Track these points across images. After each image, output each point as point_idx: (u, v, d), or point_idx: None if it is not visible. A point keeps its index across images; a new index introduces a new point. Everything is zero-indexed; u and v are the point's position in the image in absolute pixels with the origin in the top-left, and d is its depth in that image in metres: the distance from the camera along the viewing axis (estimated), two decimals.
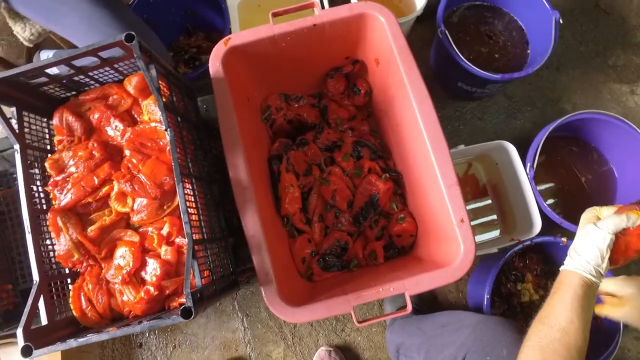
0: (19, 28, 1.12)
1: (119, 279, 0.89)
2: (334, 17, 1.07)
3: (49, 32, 1.16)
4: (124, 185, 0.91)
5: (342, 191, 1.21)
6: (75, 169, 0.93)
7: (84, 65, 0.91)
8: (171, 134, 0.85)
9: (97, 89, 0.99)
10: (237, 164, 0.98)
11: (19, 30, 1.13)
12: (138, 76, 0.95)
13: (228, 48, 1.05)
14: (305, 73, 1.28)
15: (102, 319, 0.92)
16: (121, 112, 0.98)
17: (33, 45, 1.18)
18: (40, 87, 0.95)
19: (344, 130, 1.33)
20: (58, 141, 0.98)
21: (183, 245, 0.91)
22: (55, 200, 0.94)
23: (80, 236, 0.91)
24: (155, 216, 0.93)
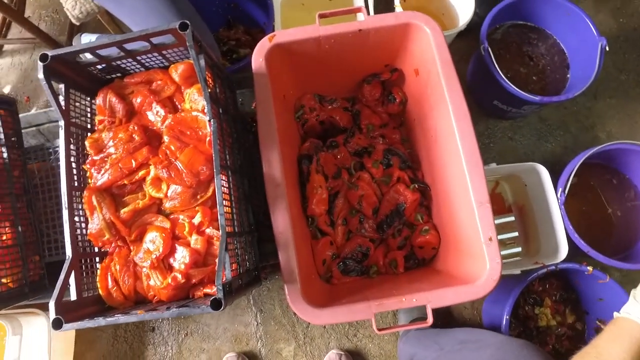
0: (69, 5, 1.14)
1: (147, 263, 0.90)
2: (380, 24, 1.07)
3: (97, 13, 1.18)
4: (160, 171, 0.92)
5: (369, 197, 1.21)
6: (115, 150, 0.94)
7: (135, 49, 0.93)
8: (214, 125, 0.86)
9: (142, 73, 1.00)
10: (271, 160, 0.99)
11: (69, 8, 1.15)
12: (185, 64, 0.96)
13: (272, 45, 1.06)
14: (342, 76, 1.28)
15: (126, 300, 0.93)
16: (163, 98, 0.99)
17: (80, 23, 1.20)
18: (88, 67, 0.96)
19: (375, 137, 1.34)
20: (99, 121, 1.00)
21: (213, 236, 0.92)
22: (91, 178, 0.96)
23: (113, 217, 0.93)
24: (188, 204, 0.94)
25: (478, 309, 1.37)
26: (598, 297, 1.21)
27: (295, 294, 0.92)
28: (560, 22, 1.35)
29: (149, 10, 1.07)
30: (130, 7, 1.08)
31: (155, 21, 1.08)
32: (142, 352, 1.36)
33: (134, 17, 1.09)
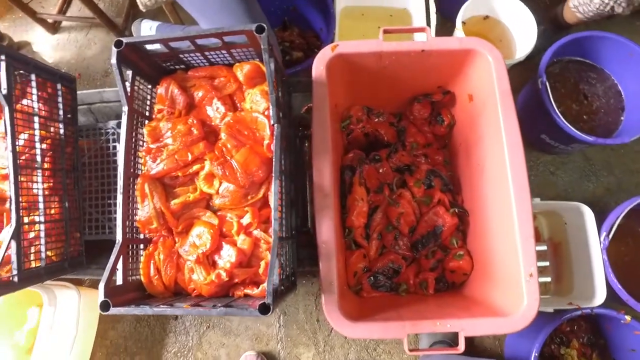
0: None
1: (193, 257, 0.91)
2: (443, 47, 1.07)
3: (165, 2, 1.19)
4: (215, 167, 0.93)
5: (408, 216, 1.22)
6: (172, 142, 0.96)
7: (204, 45, 0.94)
8: (278, 130, 0.87)
9: (207, 68, 1.01)
10: (322, 170, 1.00)
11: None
12: (251, 65, 0.97)
13: (334, 54, 1.07)
14: (394, 91, 1.28)
15: (165, 289, 0.94)
16: (224, 95, 1.00)
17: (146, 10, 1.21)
18: (155, 56, 0.98)
19: (418, 156, 1.34)
20: (158, 110, 1.01)
21: (260, 239, 0.92)
22: (145, 166, 0.97)
23: (164, 207, 0.94)
24: (238, 204, 0.95)
25: (500, 340, 1.37)
26: (630, 347, 1.19)
27: (332, 305, 0.92)
28: (621, 63, 1.33)
29: (221, 6, 1.08)
30: (201, 3, 1.09)
31: (225, 17, 1.09)
32: (163, 339, 1.38)
33: (205, 12, 1.10)
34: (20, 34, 1.82)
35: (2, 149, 1.06)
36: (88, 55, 1.70)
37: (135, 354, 1.37)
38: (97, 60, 1.71)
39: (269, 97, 0.96)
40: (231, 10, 1.08)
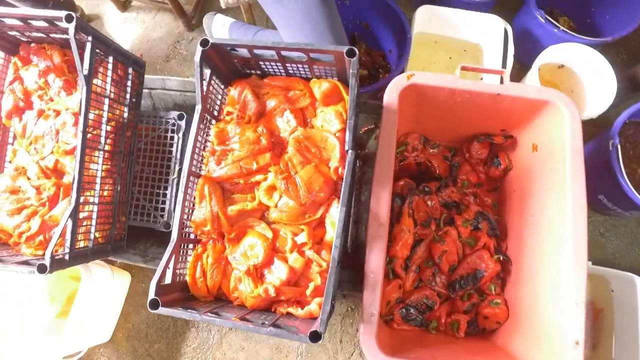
0: None
1: (243, 267, 0.90)
2: (519, 94, 1.05)
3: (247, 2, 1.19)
4: (279, 181, 0.92)
5: (451, 255, 1.20)
6: (239, 147, 0.95)
7: (288, 56, 0.93)
8: (352, 156, 0.86)
9: (284, 78, 1.00)
10: (381, 199, 0.98)
11: None
12: (330, 84, 0.96)
13: (409, 83, 1.06)
14: (455, 126, 1.27)
15: (208, 293, 0.94)
16: (296, 108, 0.99)
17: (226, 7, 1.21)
18: (234, 59, 0.97)
19: (467, 194, 1.32)
20: (228, 112, 1.01)
21: (312, 260, 0.91)
22: (207, 166, 0.97)
23: (221, 211, 0.93)
24: (294, 220, 0.94)
25: None
26: None
27: (369, 336, 0.91)
28: None
29: (306, 17, 1.08)
30: (288, 9, 1.08)
31: (308, 29, 1.08)
32: (184, 332, 1.38)
33: (289, 21, 1.10)
34: (92, 7, 1.83)
35: (70, 124, 1.07)
36: (152, 37, 1.71)
37: (155, 342, 1.38)
38: (161, 44, 1.72)
39: (343, 119, 0.96)
40: (315, 23, 1.07)
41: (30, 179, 1.08)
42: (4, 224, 1.04)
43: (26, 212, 1.04)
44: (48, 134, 1.09)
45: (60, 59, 1.11)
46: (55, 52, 1.11)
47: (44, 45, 1.13)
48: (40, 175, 1.08)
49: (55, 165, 1.08)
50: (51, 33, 1.06)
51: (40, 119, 1.10)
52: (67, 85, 1.11)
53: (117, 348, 1.39)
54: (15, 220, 1.04)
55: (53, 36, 1.08)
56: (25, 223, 1.03)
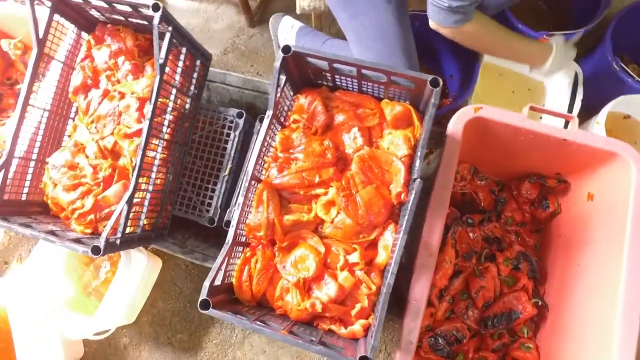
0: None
1: (292, 279, 0.90)
2: (586, 142, 1.04)
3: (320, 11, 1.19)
4: (340, 198, 0.92)
5: (488, 291, 1.19)
6: (303, 158, 0.95)
7: (367, 75, 0.92)
8: (419, 185, 0.85)
9: (356, 94, 1.00)
10: (434, 228, 0.97)
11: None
12: (402, 107, 0.95)
13: (475, 116, 1.05)
14: (509, 162, 1.25)
15: (252, 298, 0.94)
16: (364, 126, 0.99)
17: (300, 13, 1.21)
18: (310, 68, 0.97)
19: (509, 232, 1.31)
20: (294, 120, 1.00)
21: (362, 281, 0.91)
22: (267, 172, 0.97)
23: (277, 219, 0.93)
24: (348, 239, 0.94)
25: None
26: None
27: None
28: None
29: (379, 34, 1.07)
30: (362, 25, 1.08)
31: (380, 47, 1.08)
32: (208, 327, 1.38)
33: (361, 36, 1.09)
34: None
35: (133, 108, 1.07)
36: (213, 28, 1.71)
37: (178, 332, 1.38)
38: (220, 36, 1.71)
39: (410, 144, 0.95)
40: (388, 41, 1.07)
41: (89, 157, 1.08)
42: (60, 197, 1.05)
43: (81, 190, 1.05)
44: (111, 115, 1.09)
45: (133, 43, 1.12)
46: (129, 36, 1.12)
47: (119, 27, 1.14)
48: (98, 155, 1.08)
49: (114, 147, 1.09)
50: (130, 17, 1.06)
51: (105, 99, 1.11)
52: (135, 69, 1.11)
53: (140, 331, 1.39)
54: (71, 196, 1.04)
55: (130, 20, 1.08)
56: (80, 200, 1.04)
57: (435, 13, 1.01)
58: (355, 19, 1.09)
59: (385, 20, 1.07)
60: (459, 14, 0.99)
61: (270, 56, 1.65)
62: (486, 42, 1.12)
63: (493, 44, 1.13)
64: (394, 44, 1.09)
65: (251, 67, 1.65)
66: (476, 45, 1.12)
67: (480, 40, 1.10)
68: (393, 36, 1.08)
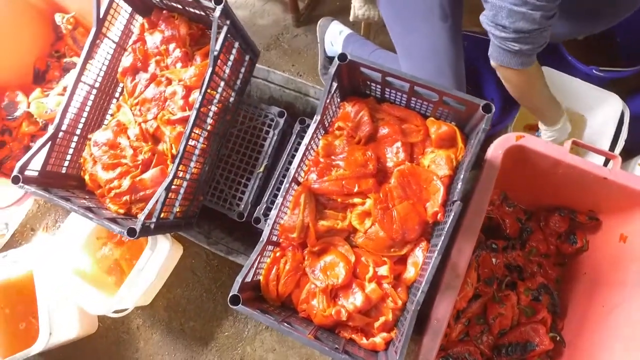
0: (357, 3, 1.16)
1: (320, 284, 0.90)
2: (627, 183, 1.03)
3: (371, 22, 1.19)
4: (377, 210, 0.92)
5: (506, 319, 1.18)
6: (344, 166, 0.95)
7: (418, 92, 0.93)
8: (459, 208, 0.85)
9: (403, 109, 1.00)
10: (463, 250, 0.98)
11: (355, 4, 1.16)
12: (449, 128, 0.95)
13: (517, 144, 1.05)
14: (541, 193, 1.25)
15: (277, 298, 0.94)
16: (407, 141, 0.99)
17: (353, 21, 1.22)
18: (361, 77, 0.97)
19: (532, 262, 1.30)
20: (338, 127, 1.01)
21: (389, 295, 0.91)
22: (306, 175, 0.97)
23: (312, 223, 0.94)
24: (379, 251, 0.94)
25: None
26: None
27: None
28: None
29: (431, 52, 1.08)
30: (415, 40, 1.08)
31: (430, 65, 1.08)
32: (222, 318, 1.39)
33: (412, 51, 1.09)
34: None
35: (179, 96, 1.08)
36: (258, 23, 1.72)
37: (191, 320, 1.39)
38: (264, 32, 1.72)
39: (452, 165, 0.95)
40: (439, 59, 1.07)
41: (130, 139, 1.10)
42: (99, 174, 1.07)
43: (120, 170, 1.06)
44: (156, 99, 1.11)
45: (186, 31, 1.13)
46: (183, 24, 1.13)
47: (174, 14, 1.15)
48: (139, 137, 1.10)
49: (155, 131, 1.10)
50: (187, 6, 1.08)
51: (152, 84, 1.12)
52: (185, 57, 1.13)
53: (154, 314, 1.41)
54: (109, 174, 1.06)
55: (187, 9, 1.09)
56: (117, 180, 1.05)
57: (501, 55, 0.98)
58: (408, 34, 1.09)
59: (439, 39, 1.07)
60: (527, 56, 0.96)
61: (312, 58, 1.66)
62: (532, 89, 1.10)
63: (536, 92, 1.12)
64: (445, 64, 1.09)
65: (292, 67, 1.66)
66: (520, 89, 1.10)
67: (530, 84, 1.08)
68: (445, 56, 1.08)
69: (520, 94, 1.12)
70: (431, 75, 1.12)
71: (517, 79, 1.04)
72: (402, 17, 1.13)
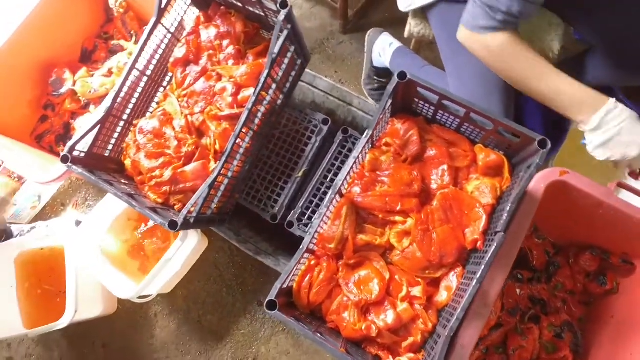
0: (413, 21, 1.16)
1: (354, 298, 0.91)
2: None
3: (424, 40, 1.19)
4: (417, 231, 0.92)
5: (526, 352, 1.18)
6: (389, 183, 0.95)
7: (473, 118, 0.92)
8: (502, 239, 0.85)
9: (453, 133, 1.00)
10: (496, 279, 0.97)
11: (411, 22, 1.17)
12: (497, 157, 0.95)
13: (561, 179, 1.04)
14: (576, 229, 1.23)
15: (307, 306, 0.95)
16: (454, 166, 0.99)
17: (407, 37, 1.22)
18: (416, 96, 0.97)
19: (556, 297, 1.29)
20: (386, 143, 1.01)
21: (419, 316, 0.91)
22: (350, 187, 0.97)
23: (351, 236, 0.94)
24: (413, 271, 0.94)
25: None
26: None
27: None
28: None
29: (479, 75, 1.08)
30: (465, 61, 1.08)
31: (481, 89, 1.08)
32: (239, 315, 1.40)
33: (462, 72, 1.09)
34: None
35: (229, 92, 1.09)
36: (305, 26, 1.72)
37: (209, 313, 1.40)
38: (310, 35, 1.72)
39: (496, 195, 0.95)
40: (489, 84, 1.06)
41: (175, 130, 1.11)
42: (142, 162, 1.08)
43: (163, 160, 1.07)
44: (205, 93, 1.12)
45: (241, 29, 1.14)
46: (240, 22, 1.14)
47: (231, 11, 1.16)
48: (184, 129, 1.10)
49: (201, 125, 1.11)
50: (248, 5, 1.08)
51: (202, 77, 1.13)
52: (238, 55, 1.14)
53: (173, 303, 1.42)
54: (152, 163, 1.07)
55: (247, 7, 1.10)
56: (159, 170, 1.06)
57: (470, 13, 0.90)
58: (459, 54, 1.09)
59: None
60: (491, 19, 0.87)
61: (356, 66, 1.66)
62: (513, 67, 0.93)
63: (521, 71, 0.93)
64: (494, 89, 1.08)
65: (335, 73, 1.66)
66: (500, 67, 0.96)
67: (506, 61, 0.93)
68: (495, 80, 1.08)
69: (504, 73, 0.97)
70: (480, 98, 1.11)
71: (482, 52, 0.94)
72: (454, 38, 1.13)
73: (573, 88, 0.90)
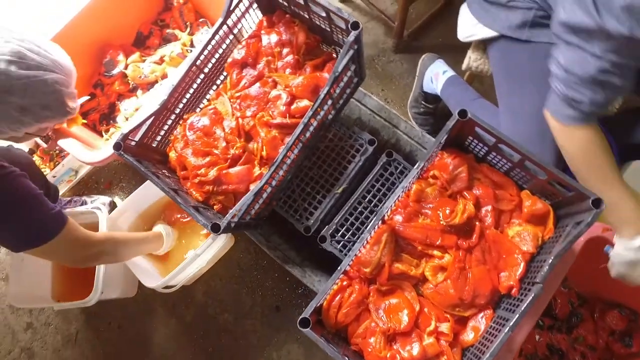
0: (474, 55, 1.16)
1: (383, 325, 0.91)
2: None
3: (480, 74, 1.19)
4: (454, 269, 0.92)
5: None
6: (431, 215, 0.96)
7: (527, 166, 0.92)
8: (539, 291, 0.85)
9: (501, 175, 1.00)
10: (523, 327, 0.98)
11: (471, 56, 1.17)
12: (543, 206, 0.94)
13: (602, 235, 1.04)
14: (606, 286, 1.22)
15: (334, 325, 0.95)
16: (497, 208, 0.98)
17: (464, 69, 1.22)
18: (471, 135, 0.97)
19: (576, 350, 1.28)
20: (433, 175, 1.01)
21: (444, 353, 0.91)
22: (392, 214, 0.98)
23: (388, 263, 0.94)
24: (443, 307, 0.94)
25: None
26: None
27: None
28: None
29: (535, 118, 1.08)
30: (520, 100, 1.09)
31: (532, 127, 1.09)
32: (254, 319, 1.42)
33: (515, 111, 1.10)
34: None
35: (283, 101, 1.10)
36: None
37: (225, 311, 1.42)
38: None
39: (536, 243, 0.94)
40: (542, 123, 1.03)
41: (225, 131, 1.12)
42: (188, 158, 1.09)
43: (209, 159, 1.09)
44: (258, 98, 1.13)
45: (303, 39, 1.14)
46: (302, 32, 1.14)
47: (295, 20, 1.16)
48: (234, 131, 1.12)
49: (251, 129, 1.12)
50: (314, 18, 1.09)
51: (257, 82, 1.14)
52: (296, 65, 1.14)
53: (191, 296, 1.43)
54: (198, 161, 1.08)
55: (314, 20, 1.11)
56: (205, 168, 1.08)
57: (551, 101, 0.92)
58: (515, 93, 1.09)
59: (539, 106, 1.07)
60: (575, 109, 0.88)
61: (403, 87, 1.65)
62: (590, 164, 0.94)
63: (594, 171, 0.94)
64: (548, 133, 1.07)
65: (381, 91, 1.66)
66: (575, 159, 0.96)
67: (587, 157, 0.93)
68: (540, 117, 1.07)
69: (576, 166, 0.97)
70: (531, 138, 1.11)
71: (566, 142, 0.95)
72: (512, 75, 1.13)
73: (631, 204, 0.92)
